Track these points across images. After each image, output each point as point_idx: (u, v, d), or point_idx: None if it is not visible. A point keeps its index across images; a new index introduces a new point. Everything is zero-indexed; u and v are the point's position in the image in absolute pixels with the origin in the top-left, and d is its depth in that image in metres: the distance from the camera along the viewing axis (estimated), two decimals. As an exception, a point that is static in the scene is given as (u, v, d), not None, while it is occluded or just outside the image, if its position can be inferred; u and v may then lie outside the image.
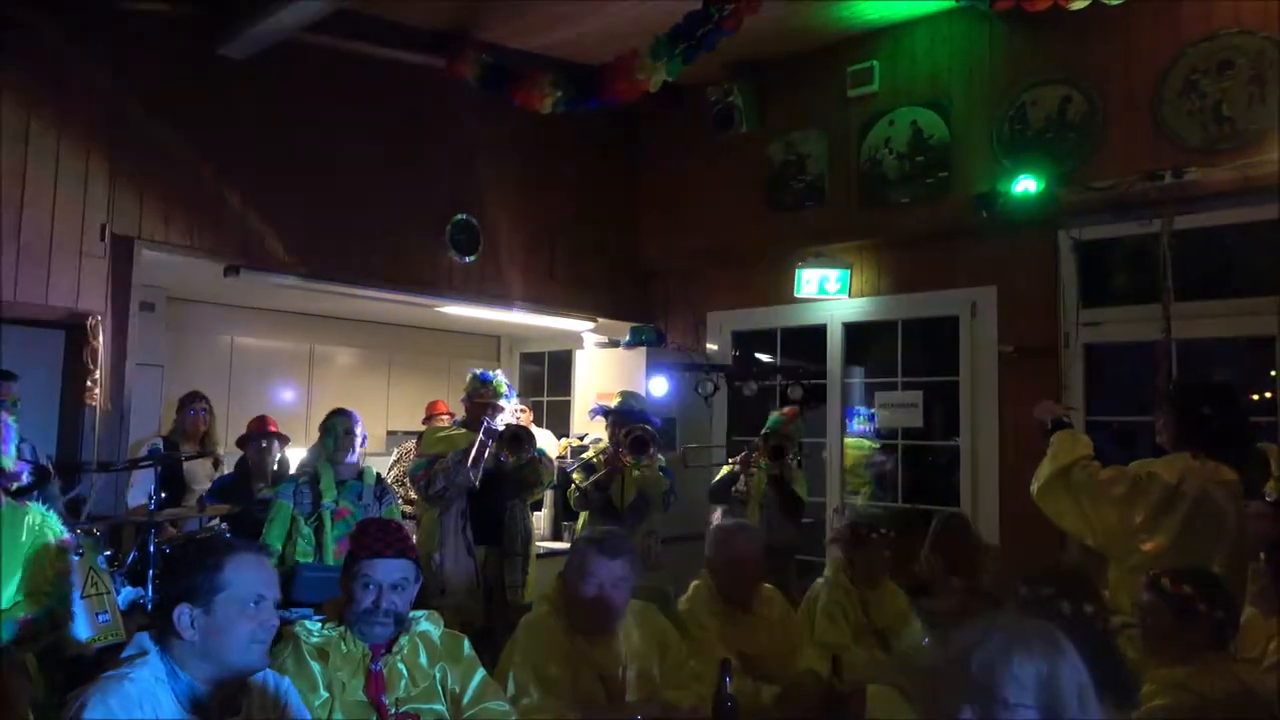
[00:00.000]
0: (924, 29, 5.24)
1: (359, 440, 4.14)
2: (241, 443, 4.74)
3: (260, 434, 4.74)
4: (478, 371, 4.58)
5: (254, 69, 4.60)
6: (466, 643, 2.50)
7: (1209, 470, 2.91)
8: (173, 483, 4.65)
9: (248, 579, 1.92)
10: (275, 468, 4.81)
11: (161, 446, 4.67)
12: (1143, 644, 2.48)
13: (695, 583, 3.33)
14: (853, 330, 5.67)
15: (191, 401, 5.07)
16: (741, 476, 4.84)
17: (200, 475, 4.83)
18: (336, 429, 4.10)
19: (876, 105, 5.42)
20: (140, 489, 4.41)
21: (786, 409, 5.11)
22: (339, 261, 5.10)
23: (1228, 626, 2.35)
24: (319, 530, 3.93)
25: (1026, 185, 4.66)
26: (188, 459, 4.77)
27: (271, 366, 6.50)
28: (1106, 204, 4.51)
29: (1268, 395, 4.32)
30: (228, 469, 4.98)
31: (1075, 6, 4.14)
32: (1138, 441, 4.27)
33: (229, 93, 4.64)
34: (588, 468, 4.78)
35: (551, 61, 5.18)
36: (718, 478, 4.93)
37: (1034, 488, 3.16)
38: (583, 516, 4.82)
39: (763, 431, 4.94)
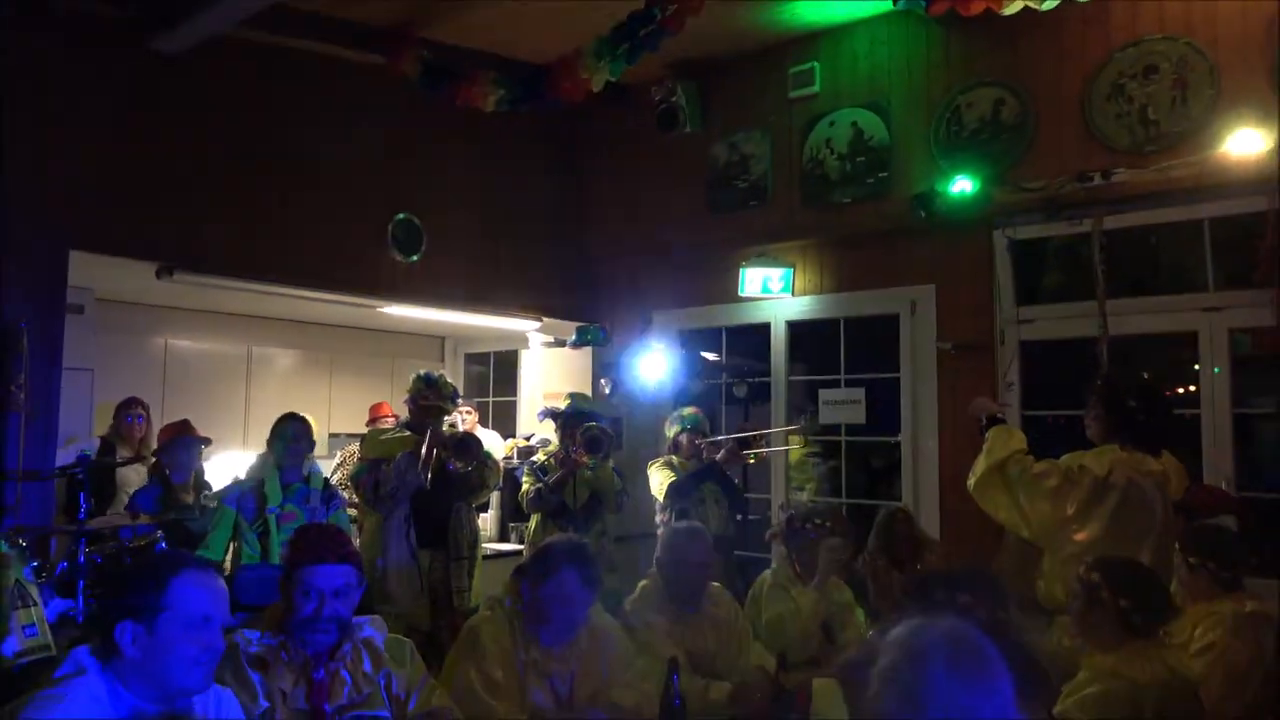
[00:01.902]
0: (863, 31, 5.32)
1: (308, 445, 4.15)
2: (160, 450, 4.56)
3: (180, 439, 4.58)
4: (422, 372, 4.53)
5: (188, 65, 4.48)
6: (411, 647, 2.48)
7: (1136, 461, 3.02)
8: (104, 488, 4.50)
9: (194, 598, 1.83)
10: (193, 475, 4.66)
11: (95, 449, 4.51)
12: (1076, 631, 2.56)
13: (643, 583, 3.34)
14: (796, 329, 5.74)
15: (129, 407, 4.93)
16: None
17: (133, 480, 4.68)
18: (286, 434, 4.08)
19: (818, 106, 5.49)
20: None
21: (693, 407, 5.14)
22: (276, 261, 4.99)
23: (1153, 614, 2.43)
24: (264, 535, 3.88)
25: (963, 185, 4.76)
26: (121, 464, 4.62)
27: (208, 369, 6.35)
28: (1039, 204, 4.64)
29: (1192, 389, 4.48)
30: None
31: (1008, 11, 4.23)
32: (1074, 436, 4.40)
33: (161, 89, 4.51)
34: (539, 471, 4.74)
35: (494, 60, 5.14)
36: (673, 479, 4.80)
37: (970, 482, 3.25)
38: (534, 519, 4.79)
39: (684, 428, 4.95)
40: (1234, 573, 2.90)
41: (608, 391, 5.59)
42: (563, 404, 4.95)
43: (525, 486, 4.74)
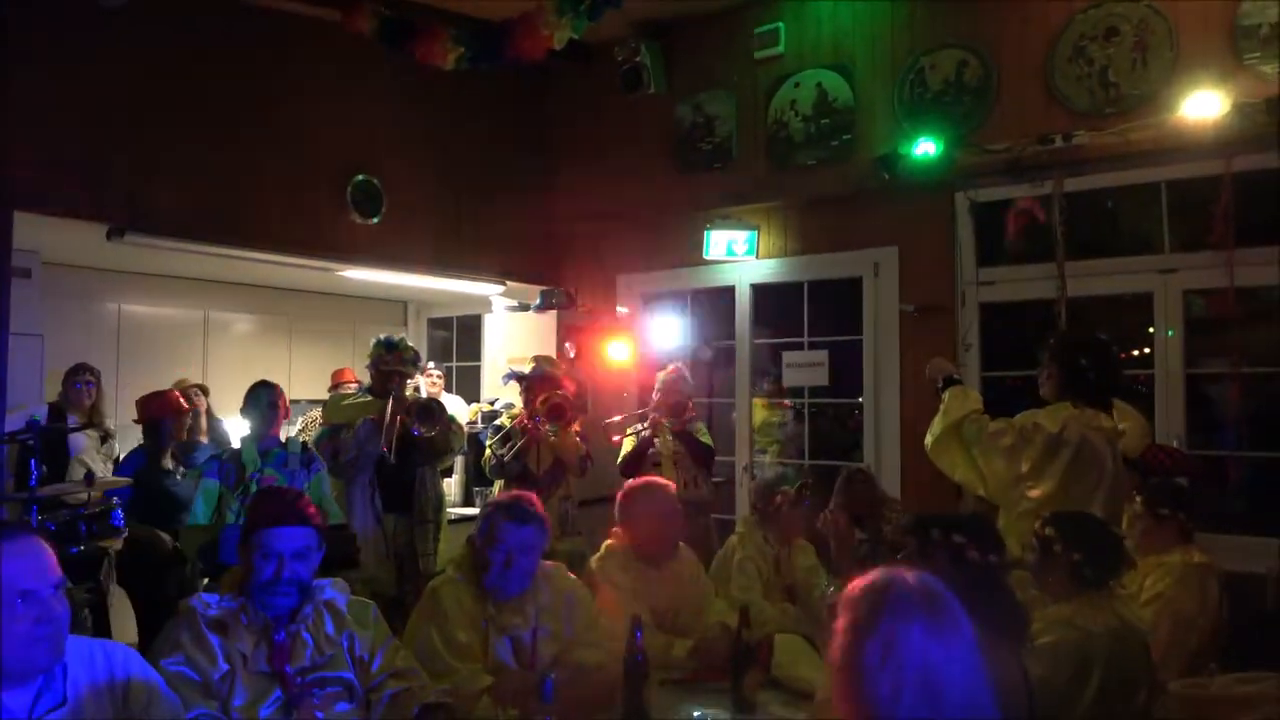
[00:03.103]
0: (828, -9, 5.28)
1: (283, 411, 4.18)
2: (155, 423, 4.50)
3: (172, 411, 4.55)
4: (381, 337, 4.48)
5: (136, 17, 4.31)
6: (374, 609, 2.47)
7: (1087, 418, 3.07)
8: (57, 455, 4.42)
9: (4, 574, 1.68)
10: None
11: (45, 415, 4.42)
12: (1032, 583, 2.62)
13: (607, 541, 3.35)
14: (760, 291, 5.74)
15: (77, 374, 4.82)
16: (655, 441, 4.84)
17: (88, 447, 4.59)
18: (262, 401, 4.06)
19: (782, 67, 5.45)
20: None
21: (670, 368, 5.14)
22: (232, 223, 4.88)
23: (1105, 566, 2.49)
24: (246, 500, 3.86)
25: (926, 148, 4.77)
26: (73, 430, 4.54)
27: (163, 334, 6.23)
28: (1001, 166, 4.66)
29: (1147, 350, 4.56)
30: (120, 443, 4.75)
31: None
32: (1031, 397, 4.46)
33: (109, 43, 4.35)
34: (503, 435, 4.72)
35: (453, 16, 5.02)
36: (629, 450, 4.85)
37: (928, 442, 3.29)
38: (498, 483, 4.78)
39: (656, 390, 4.95)
40: (1193, 525, 3.02)
41: (572, 355, 5.56)
42: (527, 367, 4.93)
43: (489, 452, 4.72)
